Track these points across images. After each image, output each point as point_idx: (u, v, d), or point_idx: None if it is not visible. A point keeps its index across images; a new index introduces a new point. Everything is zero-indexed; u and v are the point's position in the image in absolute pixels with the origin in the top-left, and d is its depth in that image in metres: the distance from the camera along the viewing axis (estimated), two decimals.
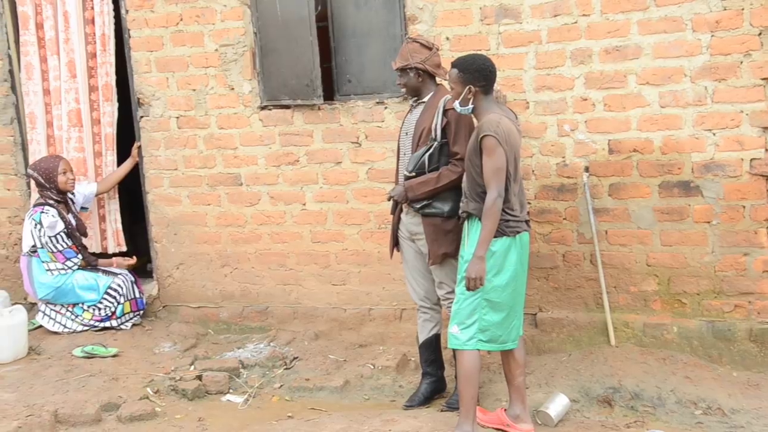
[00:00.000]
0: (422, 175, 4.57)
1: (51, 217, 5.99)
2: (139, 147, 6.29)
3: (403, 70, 4.67)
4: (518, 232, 4.22)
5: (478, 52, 4.67)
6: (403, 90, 4.83)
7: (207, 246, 6.24)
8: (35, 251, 6.06)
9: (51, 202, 6.08)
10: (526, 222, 4.32)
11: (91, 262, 6.20)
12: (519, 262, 4.25)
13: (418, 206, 4.61)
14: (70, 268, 6.08)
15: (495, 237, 4.13)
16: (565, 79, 5.20)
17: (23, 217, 6.44)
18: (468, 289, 4.13)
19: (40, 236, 6.01)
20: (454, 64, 4.31)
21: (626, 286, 5.24)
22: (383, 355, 5.48)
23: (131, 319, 6.21)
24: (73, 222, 6.15)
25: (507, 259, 4.19)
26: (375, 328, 5.85)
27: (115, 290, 6.09)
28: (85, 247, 6.25)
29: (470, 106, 4.26)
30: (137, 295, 6.23)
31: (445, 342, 4.98)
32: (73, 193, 6.21)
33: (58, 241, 6.03)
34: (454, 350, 4.37)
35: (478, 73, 4.22)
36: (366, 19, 5.70)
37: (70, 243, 6.08)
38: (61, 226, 6.02)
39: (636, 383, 4.68)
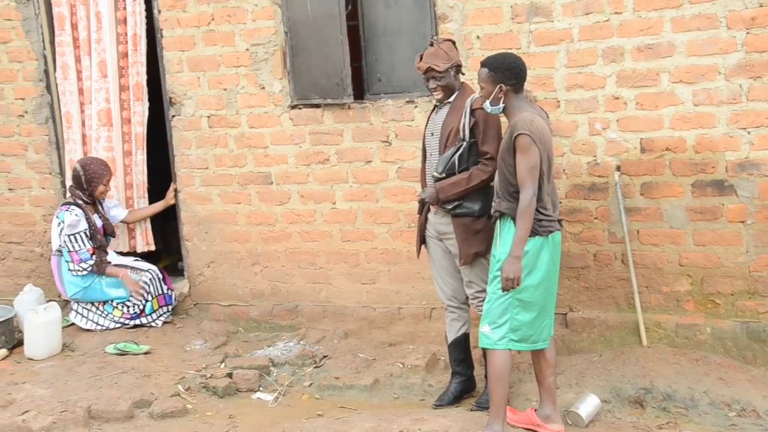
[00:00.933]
0: (452, 176, 4.55)
1: (74, 216, 6.04)
2: (176, 190, 6.35)
3: (446, 71, 4.61)
4: (551, 232, 4.20)
5: (508, 51, 4.66)
6: (439, 94, 4.67)
7: (237, 244, 6.27)
8: (61, 250, 6.13)
9: (79, 202, 6.15)
10: (559, 221, 4.29)
11: (102, 270, 6.12)
12: (551, 262, 4.23)
13: (450, 207, 4.60)
14: (84, 269, 6.07)
15: (540, 236, 4.12)
16: (597, 78, 5.16)
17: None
18: (504, 289, 4.12)
19: (60, 234, 6.07)
20: (483, 64, 4.29)
21: (658, 286, 5.19)
22: (413, 354, 5.48)
23: (161, 315, 6.26)
24: (98, 224, 6.20)
25: (539, 259, 4.17)
26: (404, 327, 5.85)
27: (142, 288, 6.14)
28: (104, 251, 6.22)
29: (501, 105, 4.24)
30: (165, 291, 6.28)
31: (475, 341, 4.97)
32: (102, 200, 6.28)
33: (75, 241, 6.03)
34: (484, 349, 4.36)
35: (509, 72, 4.20)
36: (396, 18, 5.69)
37: (88, 246, 6.07)
38: (83, 226, 6.05)
39: (668, 384, 4.63)
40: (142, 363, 5.56)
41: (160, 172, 6.62)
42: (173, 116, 6.26)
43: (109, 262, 6.22)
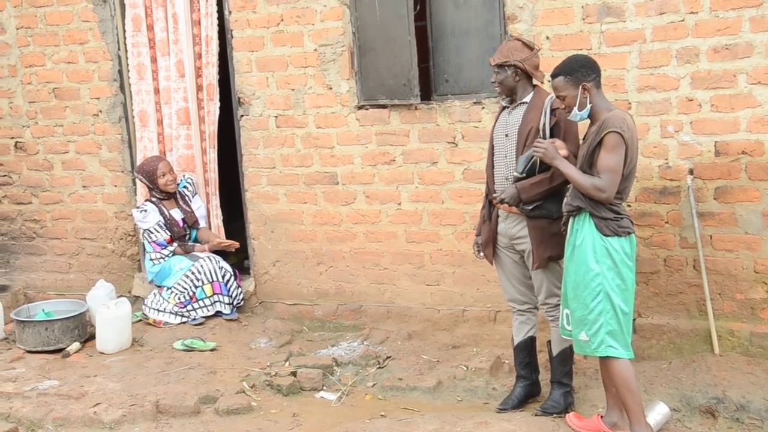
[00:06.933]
0: (532, 177, 4.48)
1: (140, 213, 6.41)
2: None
3: (501, 67, 4.56)
4: (631, 232, 4.15)
5: (574, 53, 4.56)
6: (497, 89, 4.68)
7: (303, 244, 6.32)
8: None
9: (153, 199, 6.44)
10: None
11: (188, 249, 6.48)
12: (634, 261, 4.16)
13: (529, 208, 4.51)
14: (165, 256, 6.40)
15: (619, 237, 4.07)
16: (670, 79, 5.05)
17: (129, 212, 6.70)
18: (536, 149, 4.22)
19: (139, 230, 6.48)
20: (555, 74, 4.20)
21: (732, 293, 5.05)
22: (477, 356, 5.43)
23: (215, 303, 6.34)
24: (177, 217, 6.44)
25: (632, 259, 4.11)
26: (468, 329, 5.81)
27: (193, 273, 6.30)
28: (184, 238, 6.52)
29: (588, 106, 4.15)
30: (219, 279, 6.33)
31: (541, 346, 4.91)
32: (189, 188, 6.53)
33: (152, 233, 6.38)
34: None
35: (584, 69, 4.14)
36: (465, 19, 5.66)
37: (166, 235, 6.39)
38: (153, 219, 6.36)
39: (742, 394, 4.50)
40: (208, 359, 5.64)
41: (228, 169, 6.72)
42: (242, 116, 6.34)
43: (193, 246, 6.52)
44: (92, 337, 6.05)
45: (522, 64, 4.53)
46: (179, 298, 6.28)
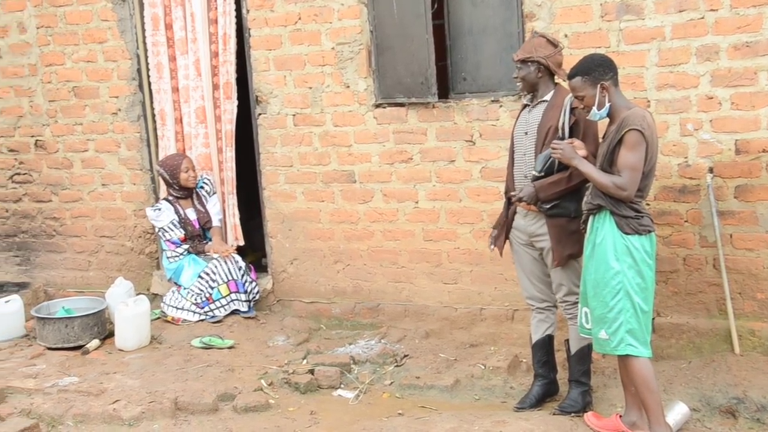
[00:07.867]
0: (551, 175, 4.46)
1: (154, 212, 6.48)
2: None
3: (524, 62, 4.55)
4: (651, 230, 4.14)
5: (590, 53, 4.53)
6: (519, 84, 4.68)
7: (320, 242, 6.33)
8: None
9: (170, 198, 6.48)
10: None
11: (199, 250, 6.53)
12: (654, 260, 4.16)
13: (547, 207, 4.50)
14: (180, 254, 6.45)
15: (640, 235, 4.06)
16: (690, 77, 5.02)
17: None
18: (554, 150, 4.21)
19: (155, 228, 6.54)
20: (572, 74, 4.18)
21: (752, 292, 5.02)
22: (494, 355, 5.42)
23: (232, 301, 6.37)
24: (191, 216, 6.49)
25: (652, 257, 4.11)
26: (486, 328, 5.80)
27: (207, 274, 6.32)
28: (198, 237, 6.54)
29: (607, 104, 4.13)
30: (235, 277, 6.36)
31: (558, 345, 4.90)
32: (206, 188, 6.55)
33: (167, 231, 6.44)
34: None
35: (601, 67, 4.12)
36: (482, 17, 5.65)
37: (180, 234, 6.44)
38: (168, 217, 6.41)
39: (763, 394, 4.46)
40: (226, 357, 5.66)
41: (246, 168, 6.74)
42: (259, 114, 6.36)
43: (203, 245, 6.57)
44: (111, 334, 6.10)
45: (545, 60, 4.52)
46: (196, 300, 6.32)
